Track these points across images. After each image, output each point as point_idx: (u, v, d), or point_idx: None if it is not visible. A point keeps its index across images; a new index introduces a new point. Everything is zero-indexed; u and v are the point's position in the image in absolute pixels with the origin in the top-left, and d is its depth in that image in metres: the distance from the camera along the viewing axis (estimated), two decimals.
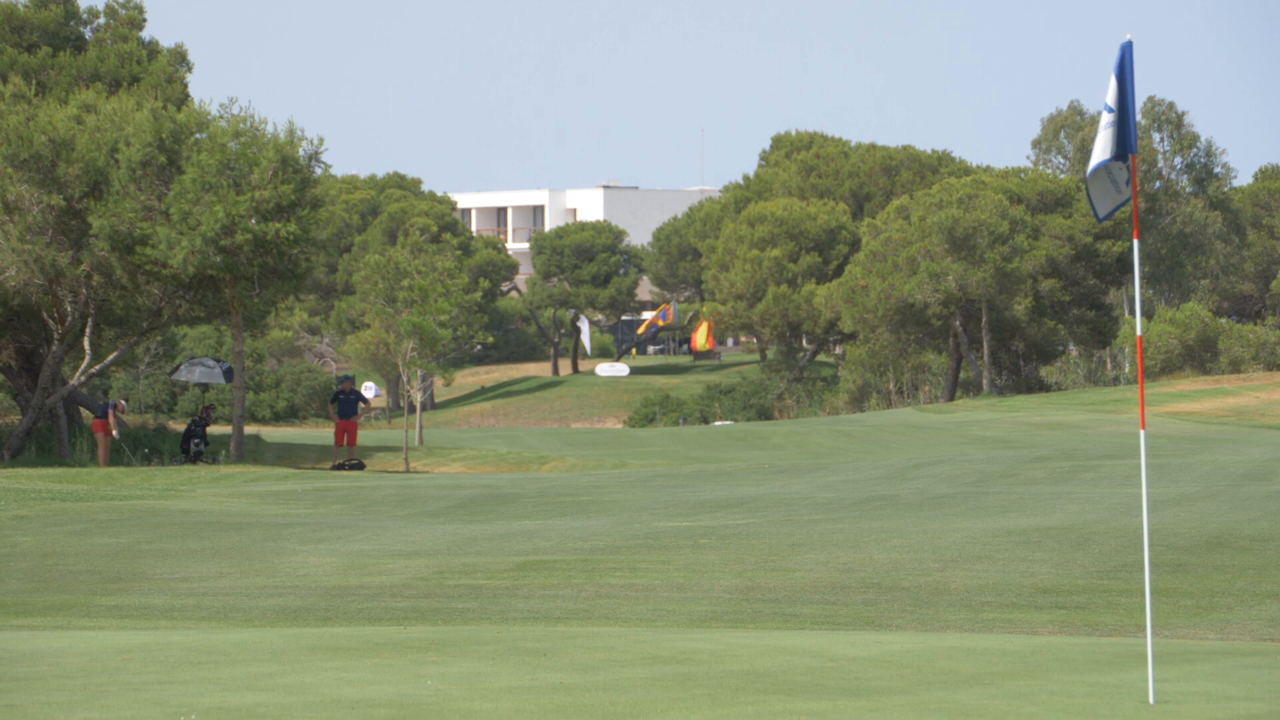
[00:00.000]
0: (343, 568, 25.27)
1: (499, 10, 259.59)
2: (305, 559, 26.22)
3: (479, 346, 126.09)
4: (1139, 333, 13.51)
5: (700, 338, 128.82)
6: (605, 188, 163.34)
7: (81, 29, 79.77)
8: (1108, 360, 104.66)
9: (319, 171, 59.40)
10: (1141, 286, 13.74)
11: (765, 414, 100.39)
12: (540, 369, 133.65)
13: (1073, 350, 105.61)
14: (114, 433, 56.09)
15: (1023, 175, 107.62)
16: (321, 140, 59.89)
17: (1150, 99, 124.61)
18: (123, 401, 60.55)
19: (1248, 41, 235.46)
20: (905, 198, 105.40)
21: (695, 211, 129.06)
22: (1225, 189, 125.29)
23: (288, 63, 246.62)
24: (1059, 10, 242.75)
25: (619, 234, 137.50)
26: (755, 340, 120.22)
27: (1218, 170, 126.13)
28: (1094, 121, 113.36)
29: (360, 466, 52.47)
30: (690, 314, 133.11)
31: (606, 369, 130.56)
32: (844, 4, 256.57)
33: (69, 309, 58.57)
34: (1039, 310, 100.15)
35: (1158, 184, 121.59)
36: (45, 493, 35.46)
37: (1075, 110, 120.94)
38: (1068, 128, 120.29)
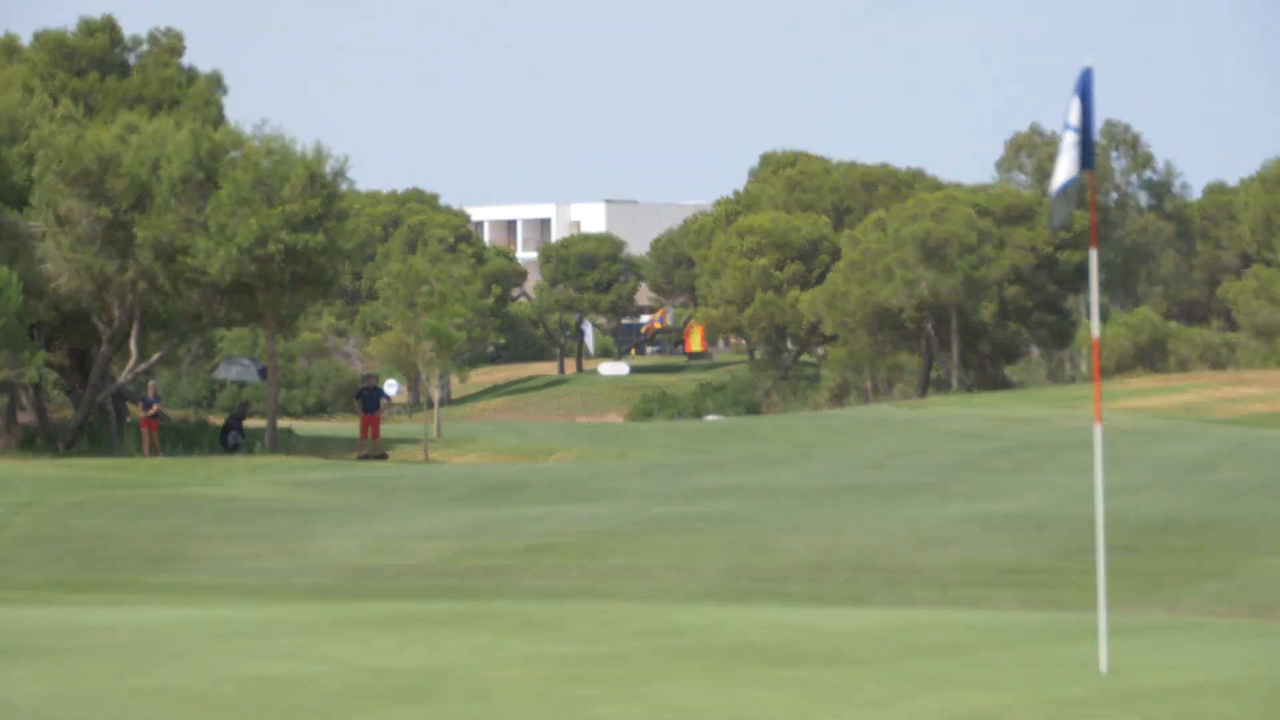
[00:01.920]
0: (368, 549, 25.29)
1: (511, 39, 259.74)
2: (334, 541, 26.25)
3: (491, 347, 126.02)
4: (1095, 335, 13.56)
5: (694, 339, 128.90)
6: (607, 202, 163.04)
7: (126, 55, 79.65)
8: (1066, 360, 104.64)
9: (344, 187, 59.34)
10: (1098, 293, 13.78)
11: (753, 409, 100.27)
12: (548, 368, 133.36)
13: (1034, 351, 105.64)
14: (159, 410, 56.48)
15: (989, 191, 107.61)
16: (346, 158, 59.82)
17: (1108, 121, 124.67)
18: (154, 384, 60.45)
19: (1202, 66, 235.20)
20: (882, 211, 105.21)
21: (690, 223, 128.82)
22: (1179, 203, 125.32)
23: (316, 86, 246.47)
24: (1022, 39, 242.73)
25: (620, 244, 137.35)
26: (744, 342, 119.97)
27: (1176, 187, 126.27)
28: (1052, 141, 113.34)
29: (383, 457, 52.43)
30: (685, 318, 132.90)
31: (608, 368, 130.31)
32: (828, 33, 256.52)
33: (116, 313, 58.51)
34: (1004, 314, 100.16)
35: (1114, 197, 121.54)
36: (96, 481, 35.47)
37: (1035, 131, 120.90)
38: (1027, 148, 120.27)
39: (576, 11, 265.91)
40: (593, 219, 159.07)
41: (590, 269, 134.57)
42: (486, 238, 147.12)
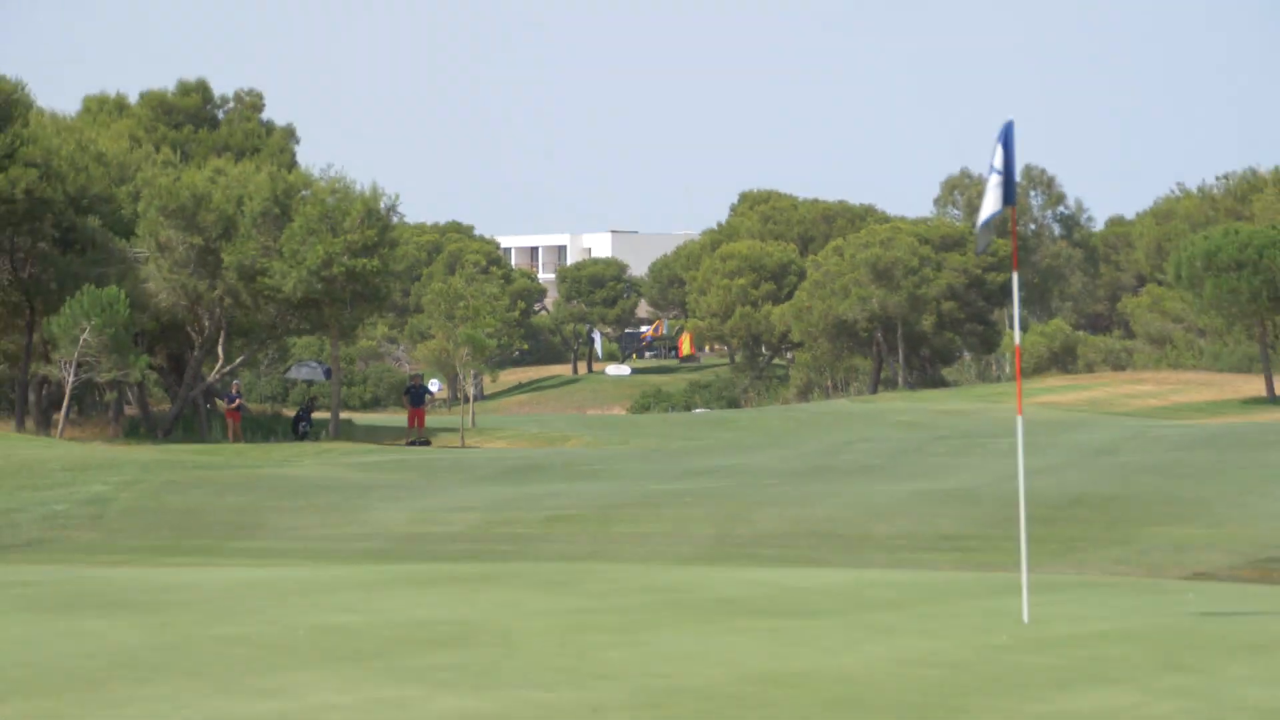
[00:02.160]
0: (414, 519, 25.27)
1: (534, 102, 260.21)
2: (385, 513, 26.22)
3: (517, 352, 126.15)
4: (1017, 342, 13.55)
5: (684, 346, 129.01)
6: (613, 232, 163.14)
7: (215, 111, 79.69)
8: (993, 363, 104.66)
9: (395, 219, 59.39)
10: (1019, 307, 13.77)
11: (734, 403, 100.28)
12: (563, 369, 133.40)
13: (966, 355, 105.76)
14: (241, 404, 56.64)
15: (928, 223, 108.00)
16: (397, 195, 59.97)
17: (1027, 165, 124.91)
18: (236, 383, 60.55)
19: (1106, 120, 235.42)
20: (840, 240, 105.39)
21: (681, 250, 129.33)
22: (1086, 233, 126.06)
23: (372, 136, 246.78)
24: (955, 96, 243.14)
25: (623, 267, 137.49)
26: (726, 348, 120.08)
27: (1083, 220, 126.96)
28: (979, 182, 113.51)
29: (427, 443, 52.43)
30: (677, 328, 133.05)
31: (613, 370, 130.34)
32: (798, 91, 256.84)
33: (206, 324, 58.55)
34: (941, 325, 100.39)
35: (1031, 228, 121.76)
36: (189, 463, 35.47)
37: (965, 174, 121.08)
38: (960, 187, 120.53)
39: (589, 80, 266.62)
40: (600, 246, 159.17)
41: (599, 287, 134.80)
42: (513, 261, 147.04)
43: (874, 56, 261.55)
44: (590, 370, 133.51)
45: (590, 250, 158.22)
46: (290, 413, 65.81)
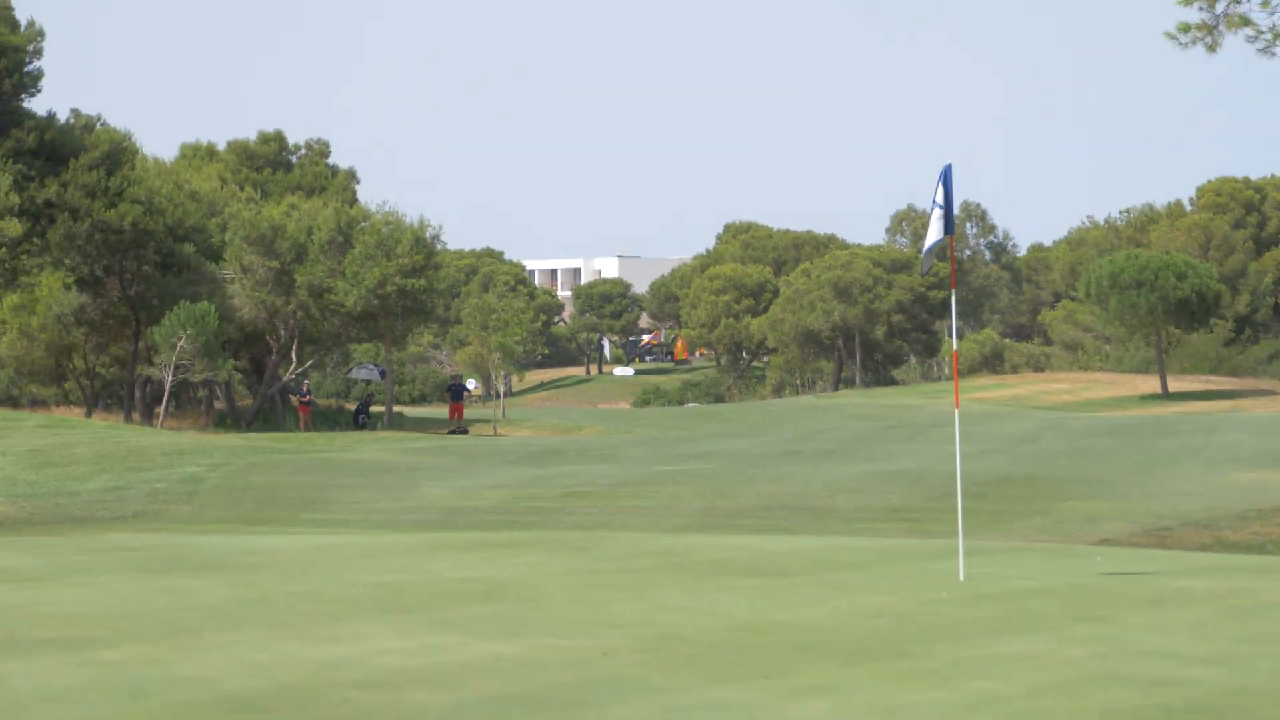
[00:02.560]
0: (454, 495, 25.32)
1: (553, 147, 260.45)
2: (430, 490, 26.28)
3: (539, 356, 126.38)
4: (954, 348, 13.54)
5: (679, 351, 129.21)
6: (619, 256, 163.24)
7: (289, 156, 79.73)
8: (934, 365, 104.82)
9: (438, 246, 59.52)
10: (956, 319, 13.77)
11: (719, 399, 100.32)
12: (578, 371, 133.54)
13: (912, 359, 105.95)
14: (311, 400, 56.81)
15: (881, 249, 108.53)
16: (440, 226, 60.52)
17: (965, 201, 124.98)
18: (306, 382, 60.70)
19: (1030, 162, 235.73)
20: (807, 263, 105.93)
21: (676, 271, 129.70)
22: (1011, 258, 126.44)
23: (421, 176, 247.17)
24: (903, 144, 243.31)
25: (627, 285, 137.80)
26: (713, 352, 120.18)
27: (1009, 247, 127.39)
28: (924, 215, 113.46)
29: (465, 432, 52.45)
30: (673, 336, 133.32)
31: (619, 371, 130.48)
32: (773, 135, 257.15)
33: (282, 333, 58.59)
34: (891, 334, 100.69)
35: (967, 253, 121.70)
36: (268, 448, 35.53)
37: (911, 209, 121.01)
38: (907, 219, 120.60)
39: (602, 133, 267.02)
40: (609, 268, 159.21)
41: (607, 303, 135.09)
42: (536, 281, 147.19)
43: (836, 111, 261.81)
44: (600, 371, 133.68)
45: (600, 271, 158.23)
46: (351, 407, 65.92)
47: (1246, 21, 16.61)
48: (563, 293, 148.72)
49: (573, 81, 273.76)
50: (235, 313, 57.76)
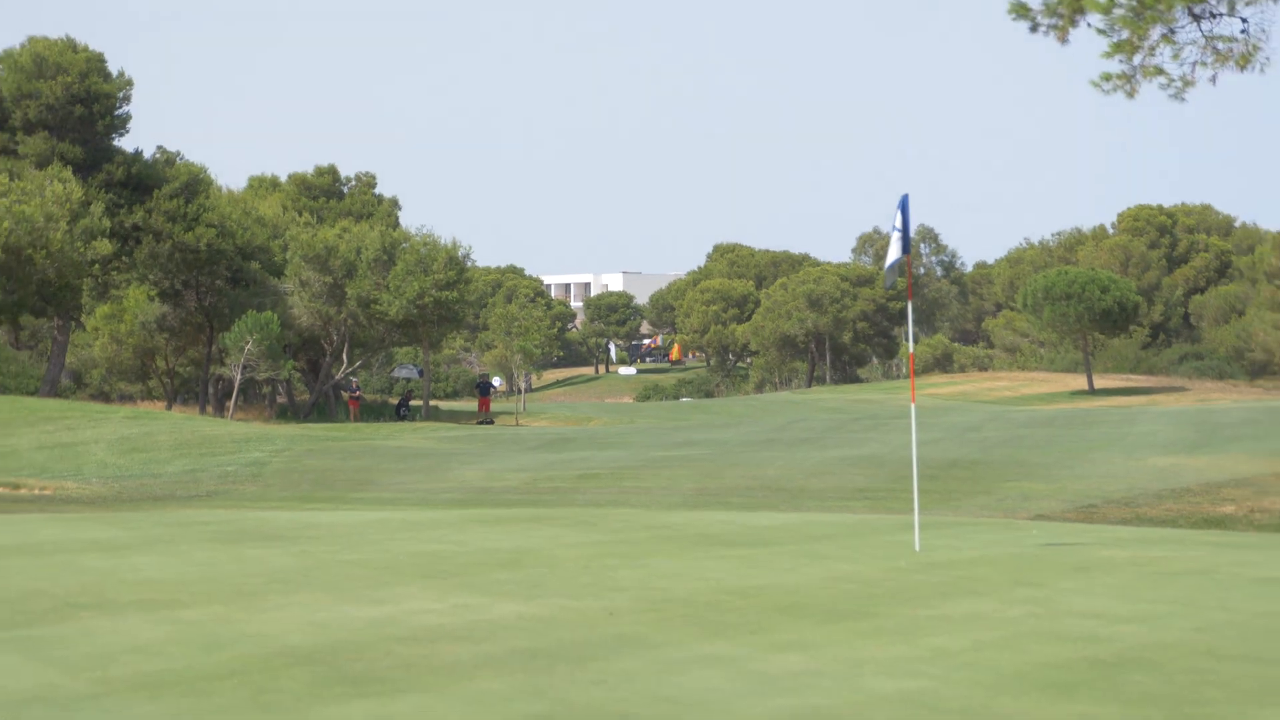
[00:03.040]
0: (483, 477, 25.32)
1: (565, 180, 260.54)
2: (463, 472, 26.27)
3: (555, 358, 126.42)
4: (910, 351, 13.52)
5: (674, 353, 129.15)
6: (624, 272, 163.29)
7: (341, 187, 79.81)
8: (893, 366, 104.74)
9: (469, 263, 59.60)
10: (912, 325, 13.73)
11: (709, 395, 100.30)
12: (588, 370, 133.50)
13: (874, 360, 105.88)
14: (359, 395, 56.92)
15: (848, 266, 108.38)
16: (470, 246, 60.99)
17: (921, 225, 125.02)
18: (356, 380, 60.74)
19: (978, 190, 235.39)
20: (785, 278, 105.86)
21: (673, 285, 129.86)
22: (960, 273, 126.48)
23: (455, 202, 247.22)
24: (866, 176, 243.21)
25: (631, 298, 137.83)
26: (704, 354, 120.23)
27: (958, 264, 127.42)
28: (885, 237, 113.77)
29: (491, 423, 52.47)
30: (669, 341, 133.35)
31: (624, 370, 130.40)
32: (755, 167, 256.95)
33: (335, 338, 58.67)
34: (856, 339, 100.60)
35: (922, 270, 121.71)
36: (323, 437, 35.55)
37: (875, 231, 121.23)
38: (870, 241, 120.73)
39: (611, 170, 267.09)
40: (615, 283, 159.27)
41: (613, 312, 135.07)
42: (552, 294, 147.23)
43: (810, 148, 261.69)
44: (607, 370, 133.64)
45: (607, 285, 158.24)
46: (394, 401, 66.01)
47: (1160, 71, 16.61)
48: (575, 303, 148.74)
49: (584, 123, 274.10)
50: (294, 320, 57.88)
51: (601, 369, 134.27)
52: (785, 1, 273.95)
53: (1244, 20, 16.32)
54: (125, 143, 61.04)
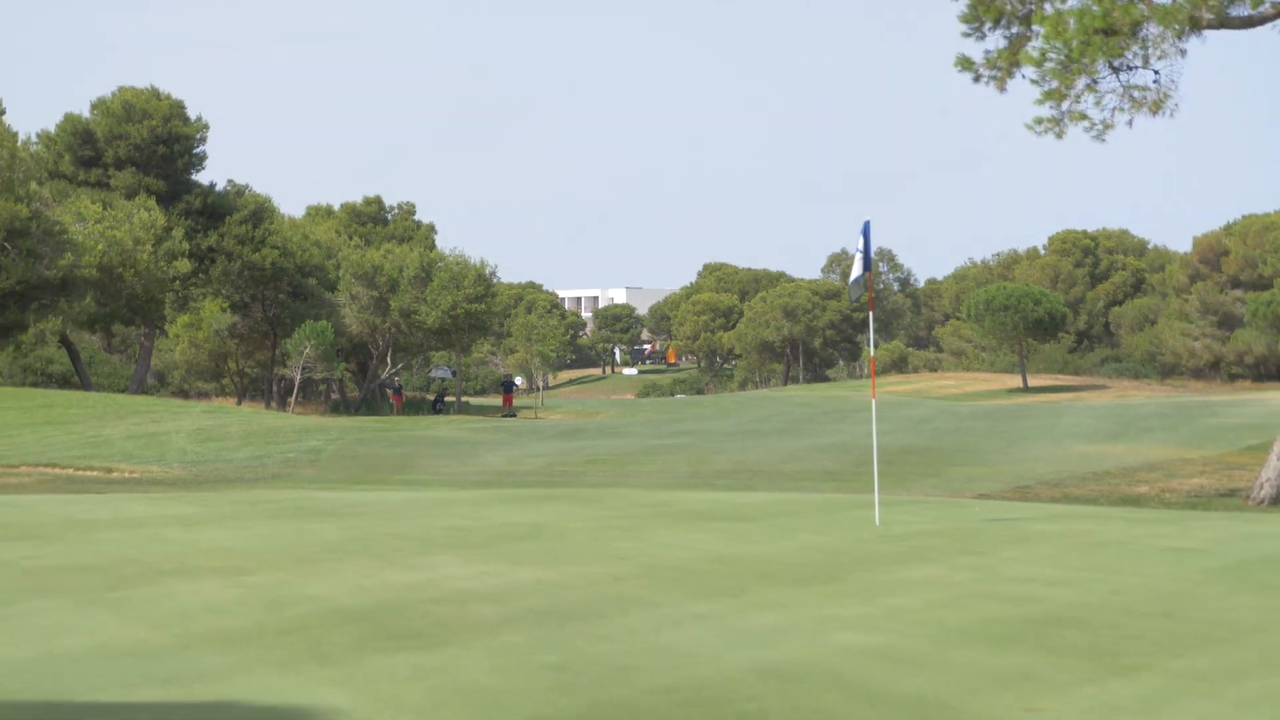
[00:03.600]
0: (506, 462, 25.29)
1: (577, 210, 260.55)
2: (489, 457, 26.25)
3: (568, 360, 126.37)
4: (872, 354, 13.51)
5: (670, 356, 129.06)
6: (627, 287, 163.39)
7: (385, 214, 79.70)
8: (856, 367, 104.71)
9: (494, 280, 59.61)
10: (873, 333, 13.70)
11: (700, 392, 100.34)
12: (596, 371, 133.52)
13: (841, 362, 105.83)
14: (401, 392, 57.00)
15: (818, 282, 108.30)
16: (496, 265, 60.67)
17: (880, 247, 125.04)
18: (398, 379, 60.73)
19: (928, 217, 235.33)
20: (765, 292, 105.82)
21: (669, 298, 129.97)
22: (914, 289, 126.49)
23: (482, 228, 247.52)
24: (836, 204, 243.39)
25: (633, 309, 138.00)
26: (695, 358, 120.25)
27: (912, 280, 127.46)
28: (850, 257, 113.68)
29: (514, 415, 52.44)
30: (666, 346, 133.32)
31: (627, 371, 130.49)
32: (739, 201, 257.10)
33: (380, 343, 58.62)
34: (825, 344, 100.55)
35: (881, 285, 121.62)
36: (370, 428, 35.54)
37: (843, 252, 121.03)
38: (838, 260, 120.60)
39: (619, 205, 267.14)
40: (619, 296, 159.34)
41: (618, 321, 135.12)
42: (566, 305, 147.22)
43: (785, 181, 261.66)
44: (612, 371, 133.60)
45: (613, 298, 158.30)
46: (430, 397, 65.95)
47: (1084, 116, 16.63)
48: (585, 314, 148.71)
49: (594, 162, 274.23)
50: (346, 328, 57.87)
51: (608, 370, 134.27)
52: (760, 66, 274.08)
53: (1156, 72, 16.34)
54: (201, 177, 60.98)
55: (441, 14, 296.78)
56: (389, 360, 59.75)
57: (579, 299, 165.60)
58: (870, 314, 13.50)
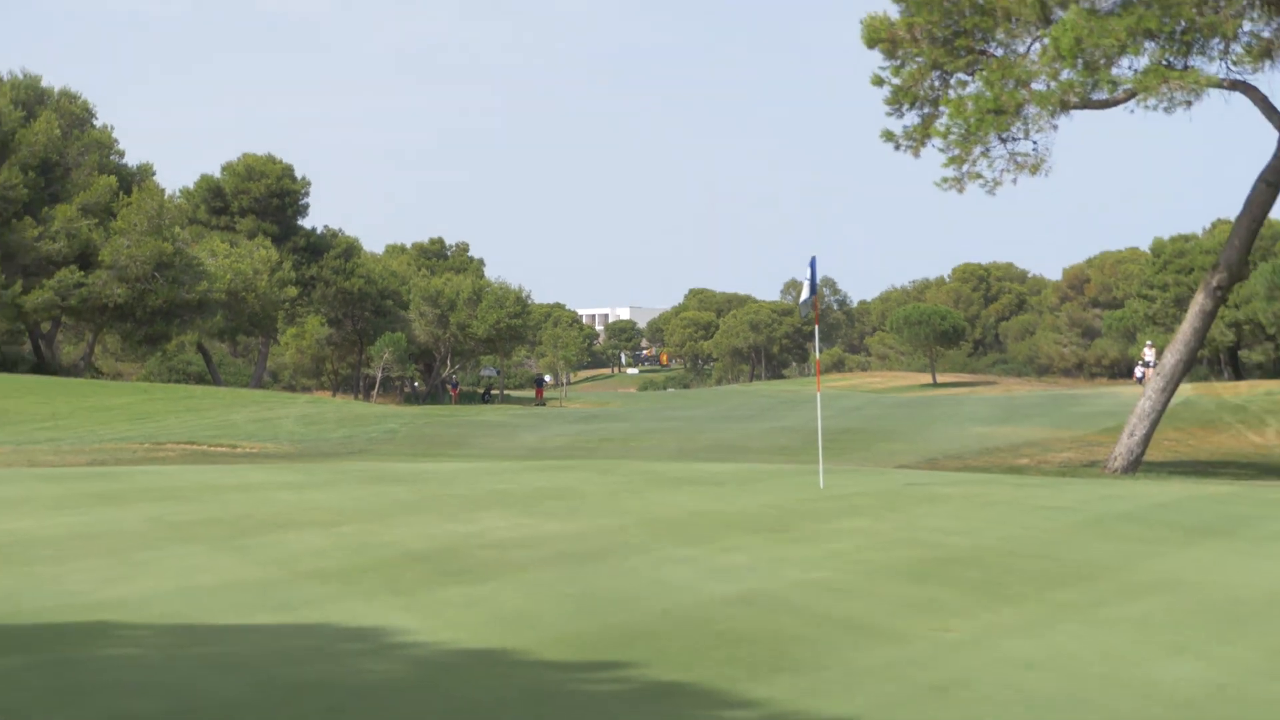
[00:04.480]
0: (538, 440, 25.23)
1: (590, 242, 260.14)
2: (525, 437, 26.18)
3: (585, 363, 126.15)
4: (816, 358, 13.47)
5: (664, 360, 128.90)
6: (631, 306, 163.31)
7: (446, 251, 79.25)
8: (805, 368, 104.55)
9: (529, 301, 59.61)
10: (819, 341, 13.65)
11: (686, 387, 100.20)
12: (607, 371, 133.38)
13: (793, 364, 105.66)
14: (458, 386, 56.86)
15: (776, 303, 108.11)
16: (530, 290, 60.93)
17: (824, 275, 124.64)
18: (455, 377, 60.61)
19: (852, 249, 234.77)
20: (735, 310, 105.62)
21: (663, 315, 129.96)
22: (849, 308, 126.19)
23: (521, 260, 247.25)
24: (789, 239, 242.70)
25: (635, 323, 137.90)
26: (683, 360, 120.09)
27: (848, 300, 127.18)
28: (800, 283, 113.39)
29: (544, 405, 52.37)
30: (660, 351, 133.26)
31: (630, 371, 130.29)
32: (718, 238, 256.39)
33: (442, 349, 58.50)
34: (782, 350, 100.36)
35: (824, 304, 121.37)
36: (434, 414, 35.48)
37: (795, 280, 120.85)
38: (793, 286, 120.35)
39: (625, 236, 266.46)
40: (625, 313, 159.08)
41: (623, 333, 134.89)
42: (584, 320, 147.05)
43: (752, 224, 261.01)
44: (619, 371, 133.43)
45: (620, 315, 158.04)
46: (480, 391, 65.85)
47: (979, 176, 16.77)
48: (598, 327, 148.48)
49: (607, 210, 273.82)
50: (415, 338, 57.84)
51: (616, 370, 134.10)
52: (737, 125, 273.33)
53: (1034, 142, 16.49)
54: (305, 222, 61.02)
55: (488, 96, 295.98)
56: (448, 362, 59.71)
57: (594, 315, 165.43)
58: (816, 327, 13.48)
